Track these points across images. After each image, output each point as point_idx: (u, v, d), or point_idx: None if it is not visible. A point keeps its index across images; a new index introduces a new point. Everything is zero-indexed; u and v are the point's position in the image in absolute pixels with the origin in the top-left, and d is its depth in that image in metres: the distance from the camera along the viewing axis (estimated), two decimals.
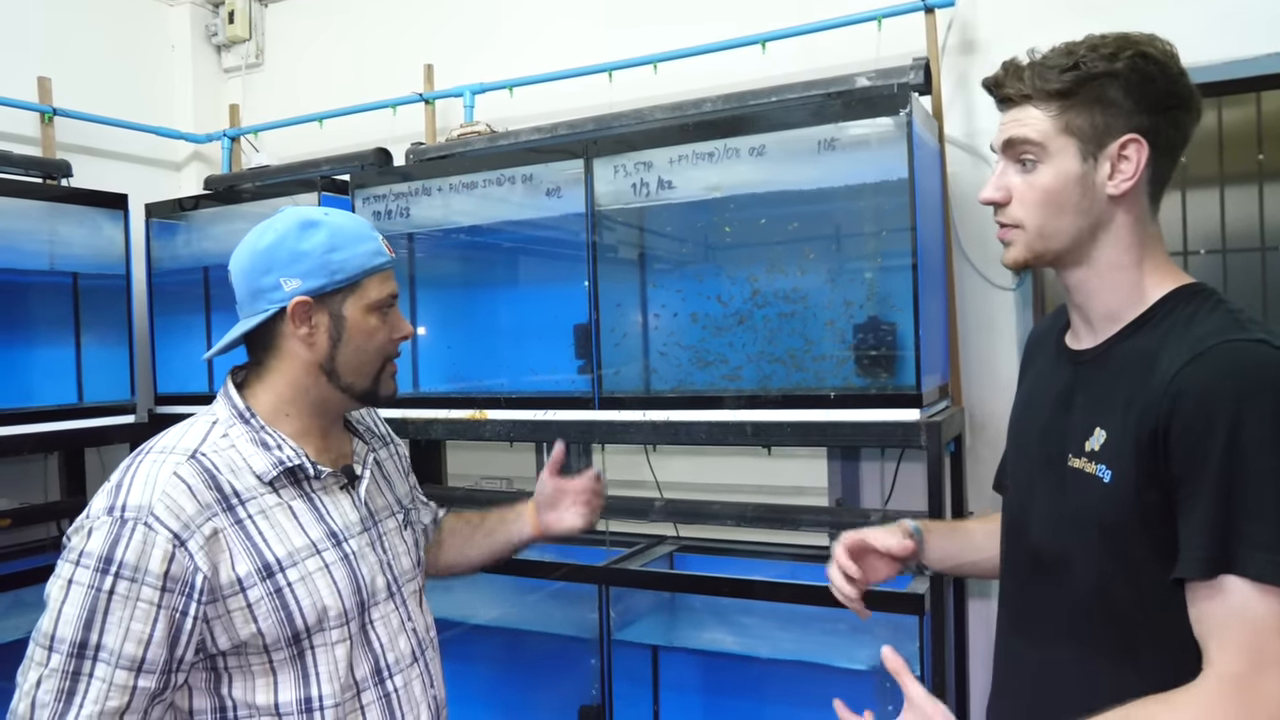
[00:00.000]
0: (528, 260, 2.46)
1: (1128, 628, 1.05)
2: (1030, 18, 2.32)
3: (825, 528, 2.46)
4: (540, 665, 2.58)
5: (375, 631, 1.29)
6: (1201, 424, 0.96)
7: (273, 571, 1.19)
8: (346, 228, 1.29)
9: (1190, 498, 0.97)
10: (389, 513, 1.40)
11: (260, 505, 1.21)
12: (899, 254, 1.93)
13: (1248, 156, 2.68)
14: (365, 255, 1.28)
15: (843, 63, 2.37)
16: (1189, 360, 0.99)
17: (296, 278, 1.24)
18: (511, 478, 2.96)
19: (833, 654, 2.14)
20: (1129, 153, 1.06)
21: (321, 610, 1.21)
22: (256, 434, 1.25)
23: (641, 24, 2.77)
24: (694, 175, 2.10)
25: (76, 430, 2.77)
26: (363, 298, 1.28)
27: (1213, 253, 2.55)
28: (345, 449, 1.37)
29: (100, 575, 1.09)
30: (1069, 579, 1.11)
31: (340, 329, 1.27)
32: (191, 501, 1.15)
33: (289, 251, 1.24)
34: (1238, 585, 0.94)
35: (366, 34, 3.33)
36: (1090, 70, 1.06)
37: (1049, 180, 1.09)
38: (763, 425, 2.01)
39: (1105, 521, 1.06)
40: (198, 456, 1.19)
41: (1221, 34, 2.13)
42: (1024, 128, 1.09)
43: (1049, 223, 1.10)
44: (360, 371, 1.30)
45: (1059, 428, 1.15)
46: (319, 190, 2.64)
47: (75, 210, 2.83)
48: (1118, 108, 1.06)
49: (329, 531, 1.26)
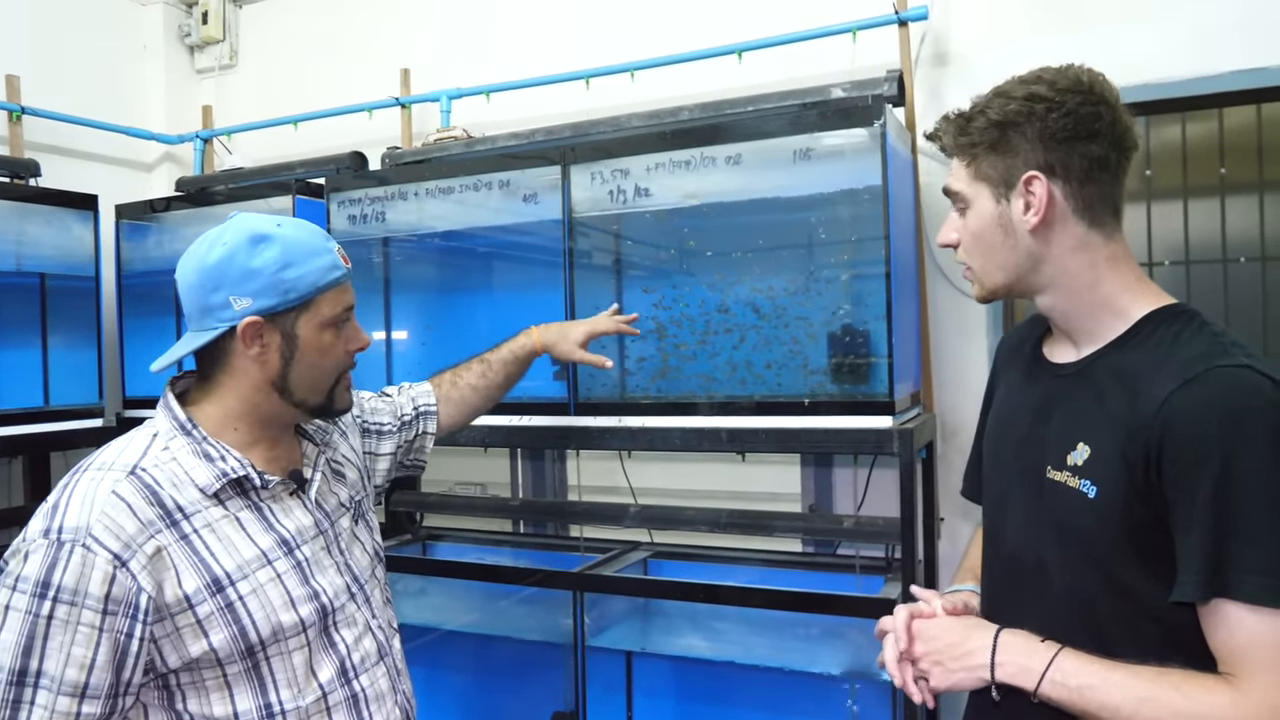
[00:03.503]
0: (504, 265, 2.46)
1: (1107, 637, 1.07)
2: (1001, 31, 2.36)
3: (798, 534, 2.48)
4: (513, 671, 2.58)
5: (339, 634, 1.27)
6: (1192, 451, 1.00)
7: (222, 586, 1.15)
8: (300, 242, 1.23)
9: (1184, 522, 1.00)
10: (343, 511, 1.36)
11: (205, 519, 1.17)
12: (873, 262, 1.95)
13: (1211, 170, 2.74)
14: (319, 271, 1.23)
15: (818, 73, 2.41)
16: (1178, 386, 1.02)
17: (247, 297, 1.19)
18: (486, 483, 2.95)
19: (805, 659, 2.15)
20: (1034, 189, 1.12)
21: (277, 625, 1.18)
22: (199, 446, 1.20)
23: (619, 32, 2.79)
24: (671, 183, 2.11)
25: (43, 434, 2.73)
26: (317, 315, 1.24)
27: (1177, 264, 2.59)
28: (295, 454, 1.34)
29: (38, 600, 1.05)
30: (1047, 588, 1.14)
31: (293, 348, 1.23)
32: (132, 520, 1.11)
33: (239, 269, 1.18)
34: (1233, 609, 0.98)
35: (342, 37, 3.31)
36: (989, 119, 1.13)
37: (975, 224, 1.18)
38: (737, 431, 2.02)
39: (1087, 535, 1.08)
40: (137, 472, 1.15)
41: (1185, 51, 2.18)
42: (951, 178, 1.20)
43: (986, 261, 1.18)
44: (314, 388, 1.27)
45: (1037, 439, 1.18)
46: (294, 193, 2.62)
47: (44, 210, 2.79)
48: (1015, 149, 1.12)
49: (279, 540, 1.23)
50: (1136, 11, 2.23)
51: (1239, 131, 2.50)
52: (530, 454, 2.92)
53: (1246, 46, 2.13)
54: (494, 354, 1.77)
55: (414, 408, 1.64)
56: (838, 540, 2.42)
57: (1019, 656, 1.09)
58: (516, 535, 2.94)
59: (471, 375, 1.74)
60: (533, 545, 2.85)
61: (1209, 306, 2.42)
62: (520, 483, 2.95)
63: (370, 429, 1.56)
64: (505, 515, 2.90)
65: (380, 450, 1.57)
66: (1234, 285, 2.51)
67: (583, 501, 2.74)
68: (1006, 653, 1.10)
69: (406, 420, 1.62)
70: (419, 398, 1.66)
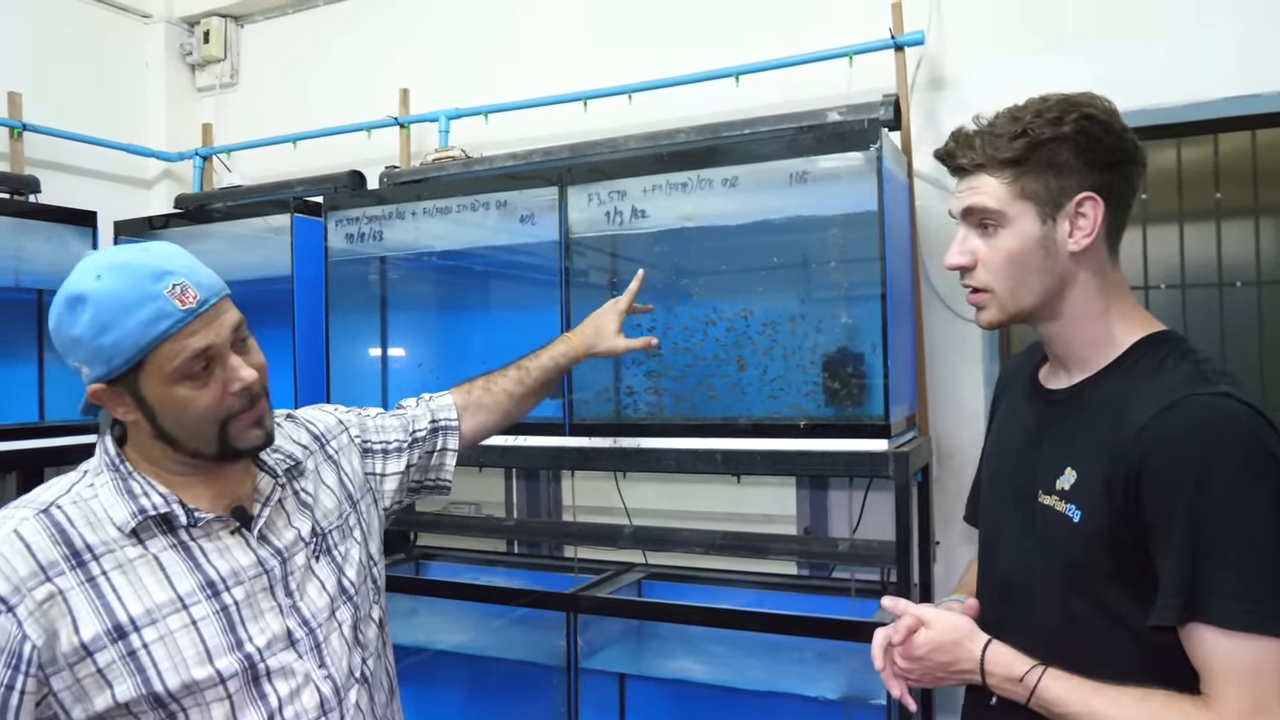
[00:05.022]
0: (501, 285, 2.47)
1: (1090, 659, 1.08)
2: (996, 55, 2.38)
3: (793, 556, 2.48)
4: (506, 692, 2.57)
5: (271, 685, 1.15)
6: (1169, 476, 1.01)
7: (125, 632, 1.06)
8: (113, 298, 1.07)
9: (1163, 546, 1.02)
10: (300, 546, 1.24)
11: (118, 559, 1.09)
12: (868, 285, 1.96)
13: (1206, 194, 2.75)
14: (139, 328, 1.07)
15: (815, 96, 2.42)
16: (1158, 412, 1.03)
17: (84, 364, 1.09)
18: (480, 503, 2.95)
19: (800, 683, 2.15)
20: (1085, 210, 1.11)
21: (188, 679, 1.08)
22: (123, 481, 1.12)
23: (617, 54, 2.81)
24: (667, 205, 2.12)
25: (37, 449, 2.73)
26: (157, 373, 1.09)
27: (1172, 288, 2.60)
28: (245, 488, 1.22)
29: None
30: (1036, 608, 1.15)
31: (148, 408, 1.10)
32: (26, 562, 1.04)
33: (65, 337, 1.09)
34: (1207, 633, 0.98)
35: (341, 57, 3.33)
36: (1039, 136, 1.10)
37: (1011, 244, 1.13)
38: (732, 454, 2.02)
39: (1073, 558, 1.09)
40: (51, 510, 1.08)
41: (1180, 77, 2.20)
42: (982, 196, 1.14)
43: (1017, 285, 1.14)
44: (199, 437, 1.13)
45: (1029, 463, 1.19)
46: (292, 211, 2.63)
47: (43, 227, 2.81)
48: (1069, 169, 1.10)
49: (204, 582, 1.12)
50: (1131, 37, 2.25)
51: (1234, 156, 2.51)
52: (525, 474, 2.92)
53: (1242, 73, 2.15)
54: (533, 361, 1.68)
55: (430, 422, 1.53)
56: (833, 563, 2.43)
57: (1004, 674, 1.12)
58: (510, 555, 2.93)
59: (508, 381, 1.64)
60: (526, 565, 2.84)
61: (1205, 331, 2.44)
62: (515, 502, 2.94)
63: (373, 449, 1.46)
64: (499, 535, 2.90)
65: (387, 470, 1.46)
66: (1230, 310, 2.52)
67: (577, 522, 2.74)
68: (993, 672, 1.13)
69: (419, 436, 1.51)
70: (438, 412, 1.56)
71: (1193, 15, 2.20)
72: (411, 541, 2.92)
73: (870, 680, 2.00)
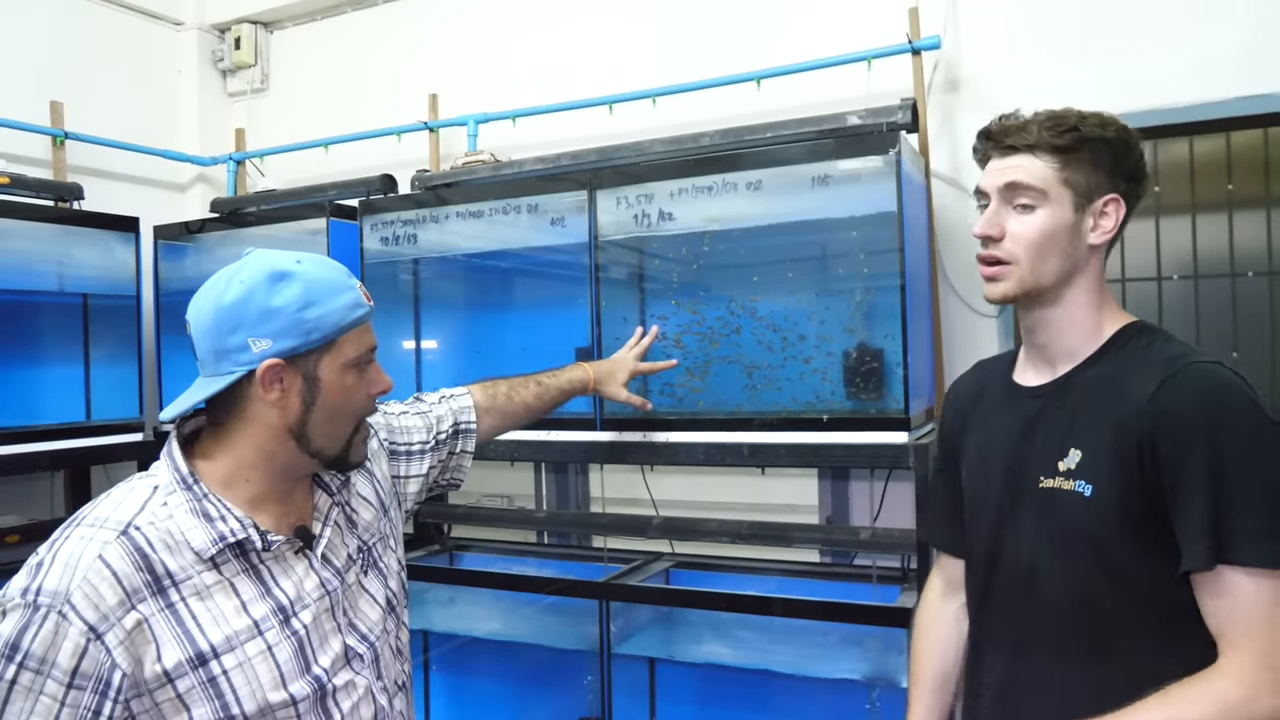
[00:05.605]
0: (531, 285, 2.54)
1: (1104, 631, 1.17)
2: (1011, 58, 2.44)
3: (816, 544, 2.55)
4: (538, 678, 2.64)
5: (335, 702, 1.19)
6: (1186, 437, 1.11)
7: (205, 659, 1.08)
8: (322, 279, 1.16)
9: (1184, 501, 1.11)
10: (351, 564, 1.27)
11: (196, 586, 1.10)
12: (888, 283, 2.02)
13: (1219, 186, 2.79)
14: (342, 310, 1.17)
15: (834, 99, 2.48)
16: (1162, 382, 1.14)
17: (267, 338, 1.12)
18: (512, 495, 3.03)
19: (824, 666, 2.21)
20: (1109, 209, 1.23)
21: (264, 703, 1.12)
22: (199, 503, 1.12)
23: (641, 59, 2.87)
24: (694, 207, 2.19)
25: (84, 448, 2.84)
26: (340, 356, 1.17)
27: (1185, 278, 2.64)
28: (306, 508, 1.25)
29: (4, 662, 1.01)
30: (1046, 595, 1.22)
31: (315, 391, 1.16)
32: (115, 590, 1.04)
33: (258, 308, 1.12)
34: (1232, 575, 1.08)
35: (369, 62, 3.41)
36: (1089, 134, 1.21)
37: (1046, 223, 1.23)
38: (759, 446, 2.09)
39: (1089, 531, 1.18)
40: (130, 532, 1.08)
41: (1192, 77, 2.25)
42: (1027, 174, 1.23)
43: (1040, 261, 1.24)
44: (333, 435, 1.20)
45: (1023, 456, 1.27)
46: (328, 215, 2.72)
47: (88, 233, 2.90)
48: (1106, 170, 1.22)
49: (276, 607, 1.15)
50: (1144, 38, 2.30)
51: (1247, 148, 2.55)
52: (554, 467, 3.00)
53: (1253, 73, 2.20)
54: (551, 379, 1.82)
55: (452, 424, 1.59)
56: (854, 551, 2.50)
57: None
58: (541, 546, 3.01)
59: (528, 394, 1.78)
60: (557, 556, 2.92)
61: (1218, 320, 2.49)
62: (545, 495, 3.03)
63: (398, 450, 1.49)
64: (531, 526, 2.98)
65: (411, 472, 1.50)
66: (1241, 299, 2.56)
67: (607, 513, 2.81)
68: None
69: (441, 439, 1.56)
70: (460, 414, 1.62)
71: (1204, 17, 2.25)
72: (445, 533, 3.01)
73: (893, 662, 2.08)
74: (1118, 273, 2.57)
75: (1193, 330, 2.52)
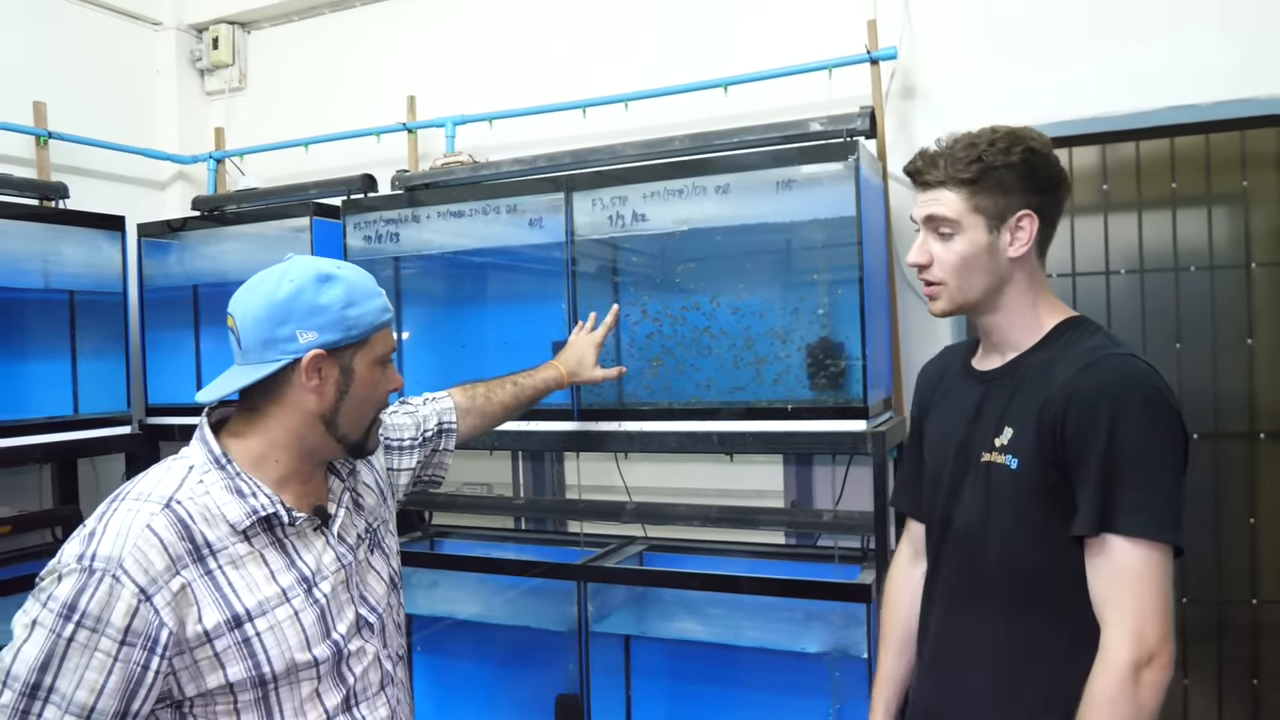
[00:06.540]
0: (510, 282, 2.63)
1: (1027, 587, 1.33)
2: (964, 67, 2.58)
3: (782, 527, 2.68)
4: (516, 658, 2.74)
5: (349, 666, 1.31)
6: (1089, 417, 1.26)
7: (241, 622, 1.19)
8: (360, 284, 1.32)
9: (1082, 475, 1.26)
10: (360, 542, 1.40)
11: (231, 555, 1.21)
12: (848, 280, 2.15)
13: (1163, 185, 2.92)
14: (376, 311, 1.32)
15: (798, 103, 2.61)
16: (1079, 370, 1.29)
17: (314, 330, 1.26)
18: (491, 484, 3.13)
19: (788, 639, 2.33)
20: (1024, 224, 1.37)
21: (290, 662, 1.23)
22: (232, 481, 1.24)
23: (614, 64, 2.97)
24: (665, 209, 2.30)
25: (72, 441, 2.89)
26: (371, 352, 1.32)
27: (1131, 272, 2.76)
28: (323, 490, 1.38)
29: (63, 621, 1.10)
30: (988, 551, 1.38)
31: (349, 382, 1.30)
32: (162, 556, 1.15)
33: (307, 304, 1.26)
34: (1114, 541, 1.23)
35: (346, 62, 3.47)
36: (991, 162, 1.34)
37: (964, 249, 1.38)
38: (728, 435, 2.22)
39: (1016, 500, 1.34)
40: (172, 505, 1.19)
41: (1132, 88, 2.39)
42: (942, 207, 1.38)
43: (965, 280, 1.39)
44: (356, 424, 1.33)
45: (971, 435, 1.43)
46: (311, 214, 2.79)
47: (74, 231, 2.95)
48: (1014, 190, 1.35)
49: (300, 577, 1.27)
50: (1087, 50, 2.44)
51: (1189, 149, 2.68)
52: (531, 455, 3.09)
53: (1184, 83, 2.34)
54: (526, 379, 1.95)
55: (437, 423, 1.73)
56: (817, 533, 2.62)
57: None
58: (519, 532, 3.11)
59: (505, 394, 1.91)
60: (535, 541, 3.02)
61: (1162, 312, 2.64)
62: (522, 482, 3.13)
63: (393, 445, 1.62)
64: (510, 513, 3.08)
65: (402, 465, 1.64)
66: (1184, 292, 2.70)
67: (583, 500, 2.92)
68: None
69: (428, 436, 1.70)
70: (444, 414, 1.76)
71: (1142, 31, 2.39)
72: (427, 520, 3.10)
73: (854, 635, 2.22)
74: (1068, 268, 2.72)
75: (1139, 322, 2.66)
